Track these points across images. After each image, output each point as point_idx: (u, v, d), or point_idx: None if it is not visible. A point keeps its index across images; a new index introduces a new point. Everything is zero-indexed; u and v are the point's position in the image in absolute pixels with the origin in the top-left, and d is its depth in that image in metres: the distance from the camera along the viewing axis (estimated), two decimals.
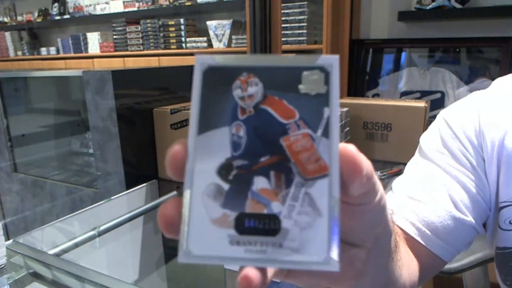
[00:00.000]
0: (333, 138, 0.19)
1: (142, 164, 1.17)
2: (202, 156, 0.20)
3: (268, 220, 0.19)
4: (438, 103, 1.68)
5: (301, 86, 0.20)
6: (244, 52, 1.99)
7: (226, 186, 0.19)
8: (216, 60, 0.21)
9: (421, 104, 1.08)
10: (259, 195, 0.19)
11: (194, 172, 0.20)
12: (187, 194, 0.19)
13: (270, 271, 0.21)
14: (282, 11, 1.60)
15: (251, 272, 0.18)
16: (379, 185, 0.22)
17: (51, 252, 0.80)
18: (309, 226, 0.19)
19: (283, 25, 1.90)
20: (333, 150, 0.19)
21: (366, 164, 0.20)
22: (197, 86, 0.20)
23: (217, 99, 0.20)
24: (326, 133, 0.19)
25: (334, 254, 0.18)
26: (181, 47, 2.57)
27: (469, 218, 0.46)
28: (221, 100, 0.20)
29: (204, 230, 0.19)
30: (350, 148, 0.19)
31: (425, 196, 0.47)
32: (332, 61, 0.20)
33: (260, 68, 0.20)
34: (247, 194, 0.19)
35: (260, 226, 0.19)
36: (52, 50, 3.32)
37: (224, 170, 0.20)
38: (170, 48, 2.62)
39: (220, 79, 0.20)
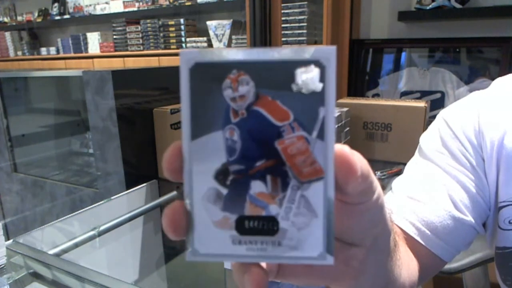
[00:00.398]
0: (328, 140, 0.19)
1: (142, 164, 1.18)
2: (198, 162, 0.20)
3: (266, 221, 0.20)
4: (438, 103, 1.68)
5: (295, 84, 0.19)
6: None
7: (224, 191, 0.20)
8: (203, 55, 0.19)
9: (421, 104, 1.08)
10: (257, 199, 0.20)
11: (192, 177, 0.20)
12: (188, 199, 0.20)
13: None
14: (282, 11, 1.61)
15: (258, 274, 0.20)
16: (376, 184, 0.22)
17: (51, 252, 0.80)
18: (305, 226, 0.20)
19: (283, 25, 1.90)
20: (328, 152, 0.19)
21: (361, 164, 0.20)
22: (185, 86, 0.19)
23: (208, 101, 0.19)
24: (321, 135, 0.19)
25: (329, 249, 0.20)
26: (181, 47, 2.57)
27: (469, 218, 0.46)
28: (211, 101, 0.19)
29: (208, 231, 0.20)
30: (345, 149, 0.19)
31: (425, 196, 0.47)
32: (329, 55, 0.19)
33: (251, 64, 0.19)
34: (245, 198, 0.20)
35: (259, 227, 0.20)
36: (52, 50, 3.32)
37: (221, 176, 0.20)
38: (170, 48, 2.62)
39: (208, 77, 0.19)
